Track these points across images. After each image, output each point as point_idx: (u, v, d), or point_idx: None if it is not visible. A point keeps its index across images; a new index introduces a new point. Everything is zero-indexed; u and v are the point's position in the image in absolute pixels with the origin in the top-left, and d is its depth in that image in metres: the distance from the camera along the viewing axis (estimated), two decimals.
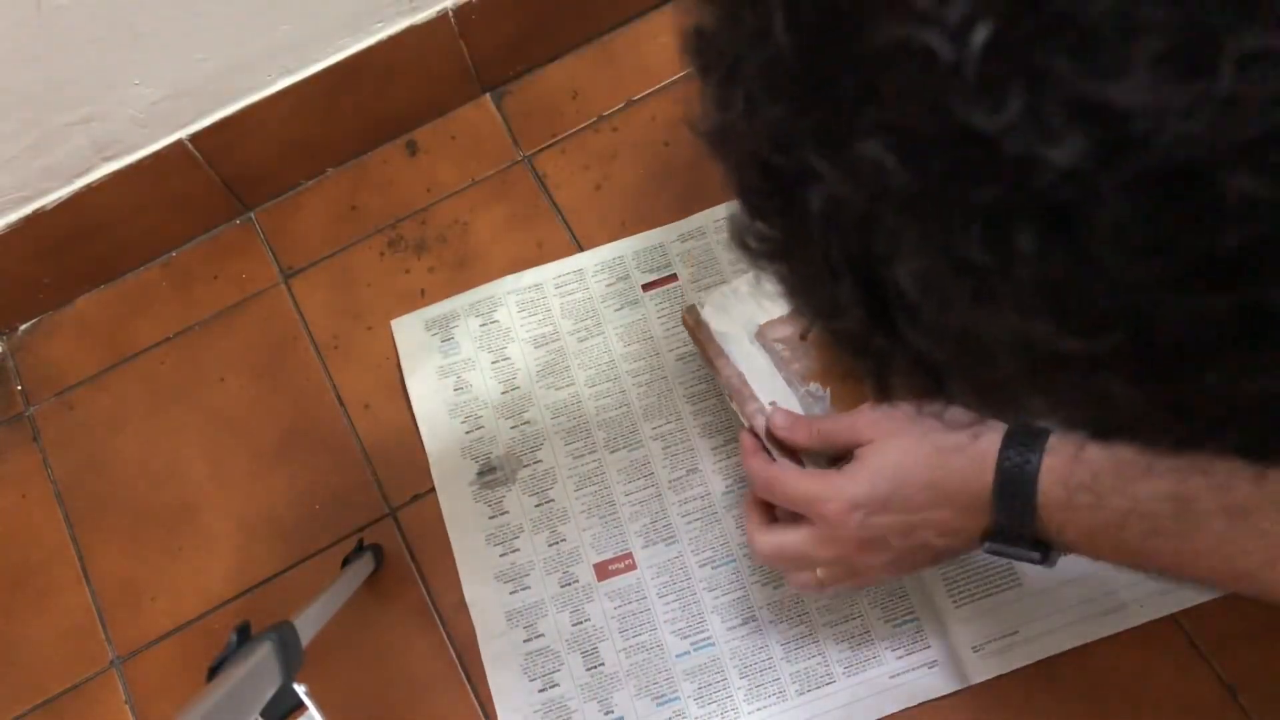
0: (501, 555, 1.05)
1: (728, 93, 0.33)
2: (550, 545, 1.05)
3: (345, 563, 1.02)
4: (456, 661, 1.03)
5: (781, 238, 0.35)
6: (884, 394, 0.37)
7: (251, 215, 1.23)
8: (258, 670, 0.74)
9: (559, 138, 1.21)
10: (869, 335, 0.33)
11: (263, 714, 0.73)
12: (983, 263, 0.27)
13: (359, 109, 1.17)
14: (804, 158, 0.30)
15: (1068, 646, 0.95)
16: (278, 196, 1.23)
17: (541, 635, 1.02)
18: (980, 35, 0.25)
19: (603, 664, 1.01)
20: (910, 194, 0.28)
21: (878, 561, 0.83)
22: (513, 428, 1.09)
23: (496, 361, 1.12)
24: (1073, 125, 0.24)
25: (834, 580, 0.85)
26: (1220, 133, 0.23)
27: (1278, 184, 0.23)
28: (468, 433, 1.09)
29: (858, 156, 0.28)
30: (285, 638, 0.79)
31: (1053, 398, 0.33)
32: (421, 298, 1.16)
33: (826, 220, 0.31)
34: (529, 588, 1.04)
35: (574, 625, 1.02)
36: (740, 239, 0.36)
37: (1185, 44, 0.23)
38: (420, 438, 1.11)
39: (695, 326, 0.98)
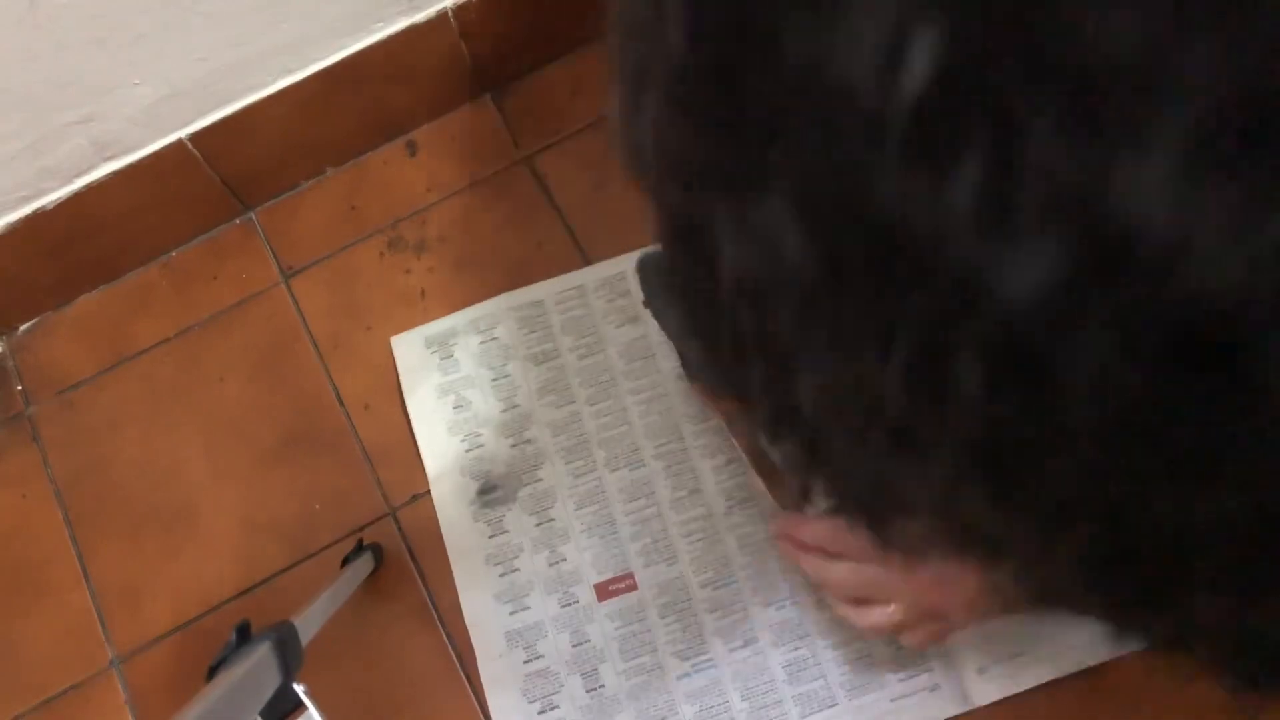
0: (501, 575, 1.05)
1: (633, 105, 0.26)
2: (550, 565, 1.04)
3: (345, 562, 1.01)
4: (456, 661, 1.03)
5: (689, 293, 0.27)
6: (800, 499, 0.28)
7: (251, 215, 1.22)
8: (258, 670, 0.73)
9: (559, 138, 1.19)
10: (779, 434, 0.26)
11: (263, 714, 0.73)
12: (905, 400, 0.20)
13: (359, 109, 1.16)
14: (707, 203, 0.23)
15: (1075, 668, 0.95)
16: (278, 196, 1.22)
17: (541, 656, 1.02)
18: (919, 63, 0.16)
19: (603, 686, 1.01)
20: (815, 283, 0.20)
21: (958, 599, 0.77)
22: (513, 446, 1.08)
23: (497, 379, 1.10)
24: (1052, 230, 0.16)
25: (911, 620, 0.80)
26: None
27: None
28: (468, 451, 1.09)
29: (758, 218, 0.20)
30: (285, 638, 0.79)
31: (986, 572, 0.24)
32: (422, 298, 1.15)
33: (734, 289, 0.23)
34: (529, 608, 1.04)
35: (574, 646, 1.02)
36: (645, 275, 0.29)
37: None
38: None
39: None
